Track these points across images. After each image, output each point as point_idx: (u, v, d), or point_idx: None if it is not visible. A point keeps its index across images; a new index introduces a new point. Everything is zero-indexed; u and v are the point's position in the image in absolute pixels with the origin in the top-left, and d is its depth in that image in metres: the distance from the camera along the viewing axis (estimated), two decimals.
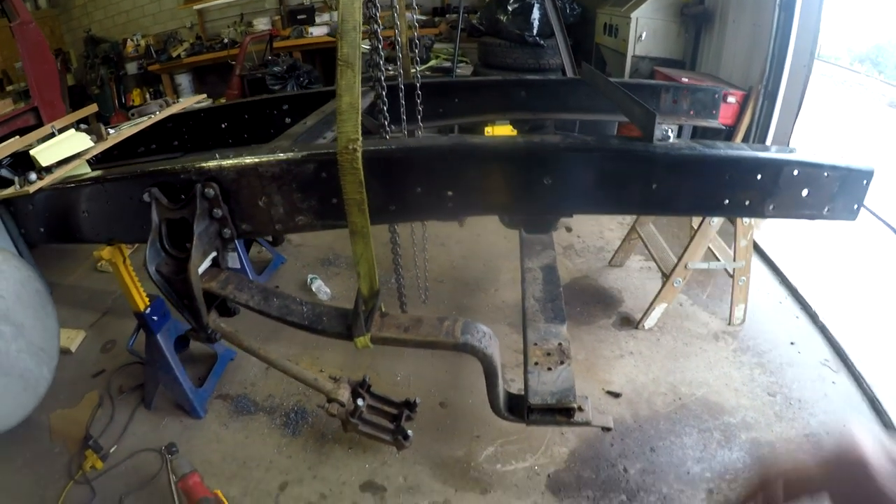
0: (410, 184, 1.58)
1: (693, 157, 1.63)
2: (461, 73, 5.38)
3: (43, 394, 2.58)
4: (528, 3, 5.33)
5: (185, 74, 6.72)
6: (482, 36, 5.73)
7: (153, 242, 1.86)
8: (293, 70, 5.60)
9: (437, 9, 6.93)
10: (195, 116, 3.14)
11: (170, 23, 7.16)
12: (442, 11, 6.86)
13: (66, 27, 7.43)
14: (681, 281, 3.02)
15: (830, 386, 2.89)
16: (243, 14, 6.90)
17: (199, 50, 6.56)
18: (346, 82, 1.50)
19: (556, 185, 1.55)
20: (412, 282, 3.03)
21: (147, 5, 7.08)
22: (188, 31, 7.13)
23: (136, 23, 7.17)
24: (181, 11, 7.01)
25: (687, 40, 5.22)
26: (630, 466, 2.41)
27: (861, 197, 1.79)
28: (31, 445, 2.55)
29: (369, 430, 2.18)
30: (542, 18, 5.23)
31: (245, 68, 5.98)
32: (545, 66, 5.19)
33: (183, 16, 7.07)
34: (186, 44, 6.80)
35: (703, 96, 2.97)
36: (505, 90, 2.83)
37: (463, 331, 1.70)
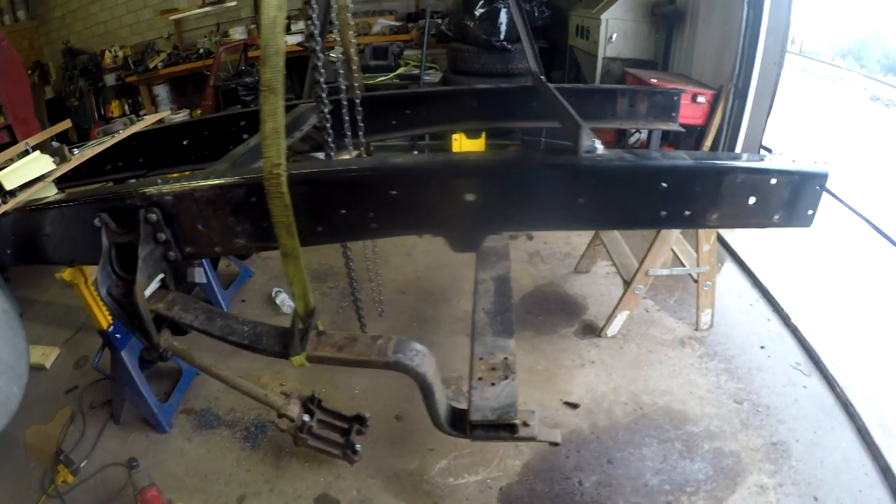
0: (334, 206, 1.64)
1: (623, 169, 1.60)
2: (429, 80, 5.46)
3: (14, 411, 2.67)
4: (495, 7, 5.39)
5: (163, 85, 6.82)
6: (451, 42, 5.80)
7: (104, 266, 1.94)
8: None
9: (410, 14, 7.00)
10: (158, 134, 3.22)
11: (147, 33, 7.25)
12: (415, 17, 6.93)
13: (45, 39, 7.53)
14: (642, 288, 3.08)
15: (801, 390, 2.91)
16: (219, 24, 6.98)
17: (175, 61, 6.66)
18: (270, 107, 1.56)
19: (478, 201, 1.58)
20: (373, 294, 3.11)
21: (125, 16, 7.18)
22: (165, 41, 7.23)
23: (114, 34, 7.27)
24: (158, 22, 7.10)
25: (658, 41, 5.28)
26: (585, 479, 2.45)
27: (815, 203, 1.75)
28: (7, 461, 2.65)
29: (319, 444, 2.26)
30: (509, 23, 5.28)
31: (219, 79, 6.06)
32: (514, 70, 5.24)
33: (160, 26, 7.15)
34: (164, 54, 6.90)
35: (662, 99, 2.99)
36: (457, 100, 2.89)
37: (395, 349, 1.77)
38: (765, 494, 2.38)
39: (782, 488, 2.40)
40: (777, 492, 2.39)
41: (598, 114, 2.89)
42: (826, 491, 2.38)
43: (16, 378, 2.46)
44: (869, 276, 3.94)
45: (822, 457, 2.54)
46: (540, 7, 5.96)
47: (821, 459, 2.52)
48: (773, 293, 3.65)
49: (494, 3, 5.36)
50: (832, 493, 2.37)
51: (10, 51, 4.62)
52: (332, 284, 3.91)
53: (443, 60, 6.04)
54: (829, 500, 2.34)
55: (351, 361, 1.79)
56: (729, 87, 4.30)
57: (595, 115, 2.87)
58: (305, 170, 1.63)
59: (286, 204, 1.58)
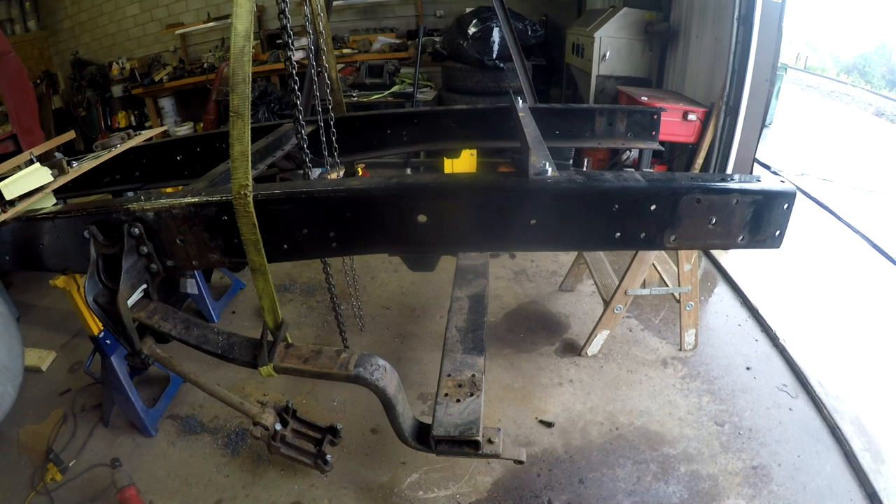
0: (297, 225, 1.75)
1: (572, 191, 1.63)
2: (423, 98, 5.59)
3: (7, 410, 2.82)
4: (488, 26, 5.50)
5: (168, 98, 7.01)
6: (445, 60, 5.92)
7: (91, 275, 2.07)
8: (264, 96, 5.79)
9: (411, 32, 7.10)
10: (154, 149, 3.37)
11: (154, 46, 7.47)
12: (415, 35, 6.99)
13: (55, 49, 7.78)
14: (621, 307, 3.14)
15: (786, 413, 2.91)
16: (224, 39, 7.14)
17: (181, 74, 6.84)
18: (237, 132, 1.70)
19: (430, 223, 1.65)
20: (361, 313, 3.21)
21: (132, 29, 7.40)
22: (171, 54, 7.45)
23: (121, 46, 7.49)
24: (164, 36, 7.32)
25: (652, 58, 5.37)
26: (555, 498, 2.50)
27: (783, 223, 1.72)
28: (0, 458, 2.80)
29: (291, 452, 2.36)
30: (501, 42, 5.40)
31: (222, 93, 6.23)
32: (506, 88, 5.34)
33: (166, 40, 7.37)
34: (169, 68, 7.09)
35: (641, 118, 3.01)
36: (436, 120, 2.97)
37: (357, 363, 1.87)
38: None
39: None
40: None
41: (577, 133, 2.95)
42: None
43: (10, 378, 2.62)
44: (863, 293, 3.96)
45: (805, 482, 2.53)
46: (533, 26, 6.08)
47: (803, 485, 2.52)
48: (762, 313, 3.67)
49: (487, 23, 5.47)
50: None
51: (16, 62, 4.83)
52: (320, 299, 4.02)
53: (437, 79, 6.19)
54: None
55: (314, 373, 1.89)
56: (720, 105, 4.37)
57: (574, 134, 2.94)
58: (270, 191, 1.75)
59: (253, 223, 1.70)
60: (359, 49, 6.68)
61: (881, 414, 2.86)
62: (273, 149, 2.58)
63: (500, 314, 3.77)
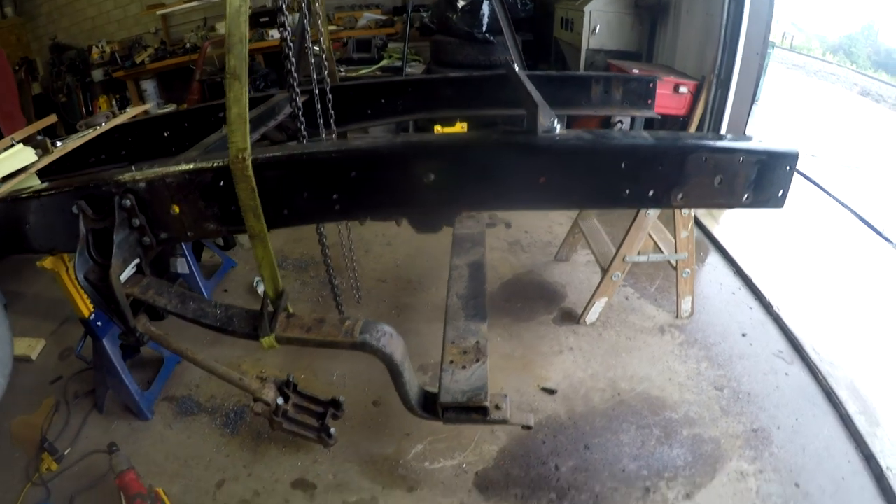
0: (298, 189, 1.69)
1: (581, 148, 1.62)
2: (412, 72, 5.51)
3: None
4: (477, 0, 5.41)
5: (150, 80, 6.86)
6: (434, 34, 5.83)
7: (81, 251, 1.99)
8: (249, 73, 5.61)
9: (396, 8, 7.02)
10: (140, 126, 3.27)
11: (134, 28, 7.28)
12: (401, 11, 6.91)
13: (33, 35, 7.56)
14: (619, 275, 3.13)
15: (783, 378, 2.95)
16: (206, 18, 6.99)
17: (163, 55, 6.70)
18: (234, 94, 1.63)
19: (438, 182, 1.61)
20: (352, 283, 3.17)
21: (112, 11, 7.21)
22: (153, 36, 7.26)
23: (101, 29, 7.30)
24: (145, 17, 7.13)
25: (642, 32, 5.33)
26: (562, 464, 2.50)
27: (786, 183, 1.73)
28: None
29: (294, 427, 2.31)
30: (491, 15, 5.31)
31: (205, 73, 6.11)
32: (496, 62, 5.25)
33: (147, 21, 7.18)
34: (151, 49, 6.94)
35: (637, 86, 3.02)
36: (432, 88, 2.93)
37: (362, 330, 1.82)
38: (745, 481, 2.41)
39: (763, 475, 2.44)
40: (757, 478, 2.42)
41: (572, 101, 2.93)
42: (808, 478, 2.41)
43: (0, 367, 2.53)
44: (852, 265, 4.00)
45: (804, 444, 2.57)
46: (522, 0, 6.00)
47: (802, 447, 2.56)
48: (755, 282, 3.70)
49: None
50: (814, 481, 2.39)
51: None
52: (313, 274, 3.97)
53: (426, 53, 6.09)
54: (810, 487, 2.37)
55: (319, 342, 1.84)
56: (711, 78, 4.36)
57: (569, 102, 2.92)
58: (269, 154, 1.68)
59: (252, 188, 1.64)
60: (344, 26, 6.56)
61: (874, 379, 2.90)
62: (265, 119, 2.51)
63: (496, 284, 3.75)
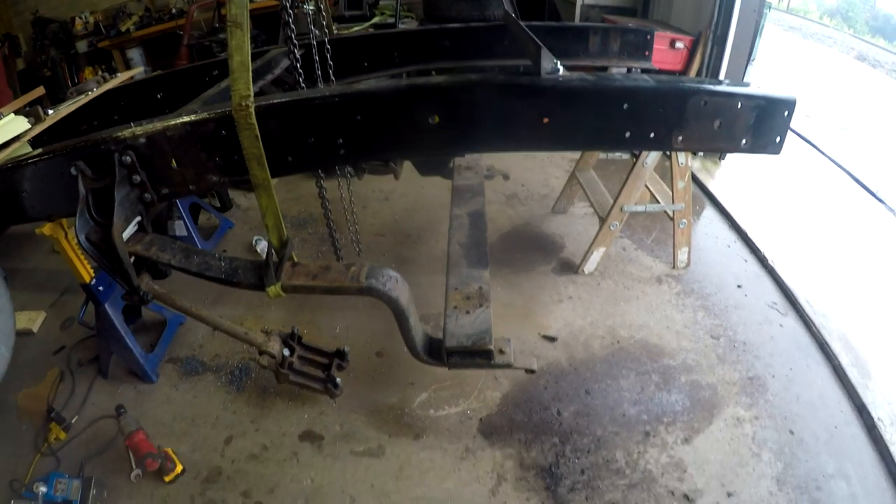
0: (303, 135, 1.69)
1: (584, 89, 1.64)
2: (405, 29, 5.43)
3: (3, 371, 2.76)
4: None
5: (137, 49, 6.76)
6: None
7: (81, 212, 1.99)
8: None
9: None
10: (132, 89, 3.23)
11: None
12: None
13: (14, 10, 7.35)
14: (617, 224, 3.16)
15: (777, 329, 3.02)
16: None
17: (148, 22, 6.60)
18: (236, 42, 1.63)
19: (443, 123, 1.62)
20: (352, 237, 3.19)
21: None
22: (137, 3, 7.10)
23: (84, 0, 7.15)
24: None
25: None
26: (564, 409, 2.56)
27: (783, 129, 1.76)
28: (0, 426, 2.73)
29: (300, 379, 2.35)
30: None
31: (193, 37, 6.03)
32: (489, 17, 5.14)
33: None
34: (135, 17, 6.82)
35: (634, 38, 3.01)
36: (429, 40, 2.92)
37: (368, 275, 1.84)
38: (741, 426, 2.49)
39: (758, 421, 2.51)
40: (753, 424, 2.50)
41: (569, 51, 2.92)
42: (802, 426, 2.48)
43: (3, 338, 2.54)
44: (845, 222, 4.06)
45: (798, 393, 2.65)
46: None
47: (797, 395, 2.63)
48: (750, 235, 3.75)
49: None
50: (808, 428, 2.47)
51: None
52: (312, 231, 3.99)
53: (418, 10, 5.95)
54: (804, 434, 2.45)
55: (325, 289, 1.86)
56: (708, 34, 4.34)
57: (567, 52, 2.90)
58: (273, 100, 1.68)
59: (255, 135, 1.64)
60: None
61: (866, 332, 2.97)
62: (262, 73, 2.49)
63: (495, 236, 3.78)
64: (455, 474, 2.33)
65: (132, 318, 3.02)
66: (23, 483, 2.37)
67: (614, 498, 2.24)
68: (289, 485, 2.33)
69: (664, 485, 2.28)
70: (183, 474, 2.38)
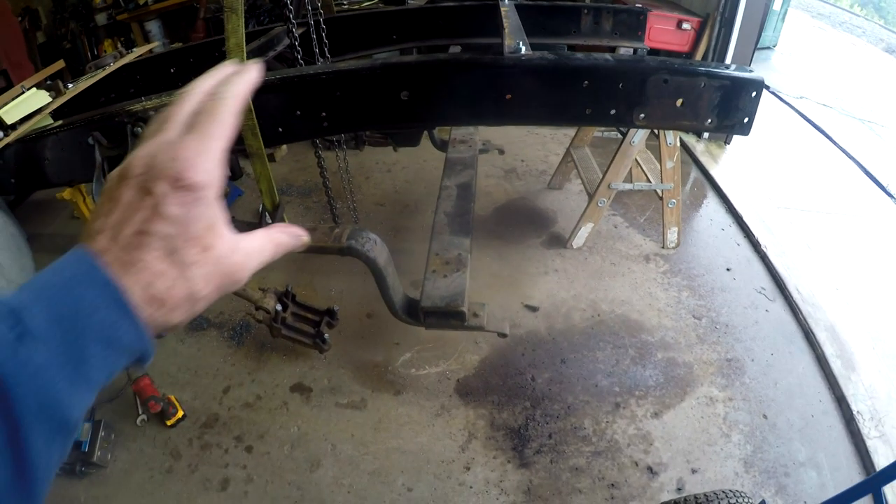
0: (291, 108, 1.94)
1: (544, 67, 1.78)
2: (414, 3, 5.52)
3: None
4: None
5: (155, 21, 6.98)
6: None
7: (98, 178, 2.29)
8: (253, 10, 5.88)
9: None
10: (147, 64, 3.51)
11: None
12: None
13: None
14: (605, 201, 3.34)
15: (763, 314, 3.12)
16: None
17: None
18: (232, 25, 1.88)
19: (413, 99, 1.81)
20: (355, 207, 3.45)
21: None
22: None
23: None
24: None
25: None
26: (538, 376, 2.77)
27: (752, 110, 1.81)
28: None
29: (292, 334, 2.64)
30: None
31: (210, 10, 6.29)
32: None
33: None
34: None
35: (627, 17, 3.11)
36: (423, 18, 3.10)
37: (349, 237, 2.08)
38: (713, 406, 2.63)
39: (732, 402, 2.64)
40: (726, 405, 2.63)
41: (561, 30, 3.08)
42: (776, 411, 2.59)
43: None
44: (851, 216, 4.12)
45: (777, 378, 2.75)
46: None
47: (775, 381, 2.74)
48: (746, 220, 3.85)
49: None
50: (782, 414, 2.58)
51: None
52: (316, 199, 4.25)
53: None
54: (778, 420, 2.56)
55: (309, 248, 2.12)
56: (716, 15, 4.45)
57: (559, 31, 3.06)
58: (265, 77, 1.93)
59: (249, 108, 1.90)
60: None
61: (856, 326, 3.03)
62: (265, 50, 2.73)
63: (489, 209, 3.98)
64: (429, 429, 2.57)
65: None
66: None
67: (578, 463, 2.42)
68: (278, 431, 2.60)
69: (629, 455, 2.44)
70: (184, 419, 2.67)
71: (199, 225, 0.48)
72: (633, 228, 3.80)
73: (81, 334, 0.42)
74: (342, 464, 2.47)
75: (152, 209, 0.47)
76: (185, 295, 0.49)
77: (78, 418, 0.42)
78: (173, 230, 0.47)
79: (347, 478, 2.42)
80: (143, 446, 2.61)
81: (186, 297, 0.49)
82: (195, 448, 2.58)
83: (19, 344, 0.39)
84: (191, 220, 0.48)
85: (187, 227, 0.48)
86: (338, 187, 3.01)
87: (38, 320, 0.41)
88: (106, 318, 0.44)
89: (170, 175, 0.47)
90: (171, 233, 0.47)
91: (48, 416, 0.40)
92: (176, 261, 0.48)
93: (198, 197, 0.48)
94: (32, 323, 0.40)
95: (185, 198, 0.47)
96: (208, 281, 0.50)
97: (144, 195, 0.47)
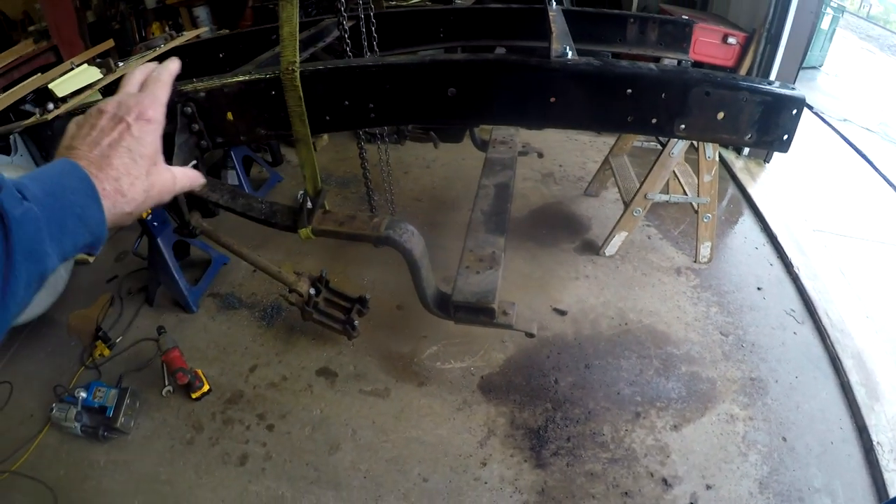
0: (340, 98, 2.02)
1: (589, 72, 1.83)
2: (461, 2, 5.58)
3: (60, 291, 3.22)
4: None
5: (203, 7, 7.17)
6: None
7: None
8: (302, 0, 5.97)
9: None
10: (197, 47, 3.63)
11: None
12: None
13: None
14: (640, 211, 3.36)
15: (790, 336, 3.10)
16: None
17: None
18: (287, 14, 1.98)
19: (459, 96, 1.89)
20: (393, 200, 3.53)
21: None
22: None
23: None
24: None
25: None
26: (561, 379, 2.81)
27: (791, 128, 1.81)
28: (52, 340, 3.16)
29: (323, 318, 2.72)
30: None
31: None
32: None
33: None
34: None
35: (673, 29, 3.10)
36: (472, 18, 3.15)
37: (387, 226, 2.16)
38: (733, 424, 2.62)
39: (752, 422, 2.63)
40: (746, 424, 2.62)
41: (606, 38, 3.10)
42: (796, 434, 2.57)
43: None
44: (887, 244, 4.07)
45: (799, 402, 2.73)
46: None
47: (797, 404, 2.72)
48: (780, 240, 3.83)
49: None
50: (802, 438, 2.56)
51: None
52: (354, 190, 4.37)
53: None
54: (798, 444, 2.54)
55: (348, 235, 2.19)
56: (762, 31, 4.43)
57: (604, 39, 3.08)
58: (316, 66, 2.01)
59: (299, 96, 1.98)
60: None
61: (883, 355, 2.98)
62: (315, 40, 2.82)
63: (525, 211, 4.04)
64: (449, 422, 2.63)
65: (181, 255, 3.45)
66: (66, 389, 2.79)
67: (594, 469, 2.44)
68: (300, 412, 2.69)
69: (645, 465, 2.45)
70: (209, 393, 2.78)
71: (151, 148, 0.77)
72: (667, 240, 3.81)
73: (64, 207, 0.63)
74: (361, 449, 2.54)
75: (125, 128, 0.75)
76: (140, 191, 0.74)
77: (47, 274, 0.61)
78: (136, 145, 0.75)
79: (365, 463, 2.49)
80: (167, 416, 2.71)
81: (141, 193, 0.74)
82: (217, 422, 2.68)
83: (24, 199, 0.58)
84: (148, 142, 0.76)
85: (145, 145, 0.76)
86: (377, 180, 3.08)
87: (35, 192, 0.60)
88: (82, 200, 0.65)
89: (135, 110, 0.77)
90: (134, 147, 0.74)
91: (33, 261, 0.58)
92: (136, 166, 0.74)
93: (154, 127, 0.78)
94: (30, 193, 0.59)
95: (146, 126, 0.76)
96: (153, 185, 0.76)
97: (117, 122, 0.75)
